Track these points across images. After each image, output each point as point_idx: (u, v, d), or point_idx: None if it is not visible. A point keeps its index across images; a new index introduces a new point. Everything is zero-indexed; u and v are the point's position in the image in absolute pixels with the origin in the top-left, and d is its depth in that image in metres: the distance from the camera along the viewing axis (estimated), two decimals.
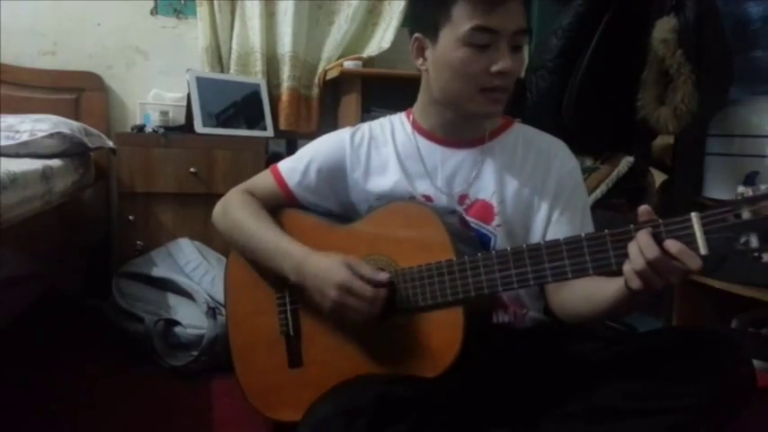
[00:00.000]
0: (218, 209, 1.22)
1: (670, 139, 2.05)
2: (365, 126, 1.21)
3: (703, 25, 1.72)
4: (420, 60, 1.11)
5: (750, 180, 1.85)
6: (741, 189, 0.80)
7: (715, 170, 1.98)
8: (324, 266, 1.01)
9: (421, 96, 1.17)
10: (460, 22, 1.01)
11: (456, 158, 1.13)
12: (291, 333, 1.13)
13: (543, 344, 1.09)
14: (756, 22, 2.03)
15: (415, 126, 1.17)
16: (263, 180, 1.23)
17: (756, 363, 1.81)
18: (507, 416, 1.04)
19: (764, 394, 1.00)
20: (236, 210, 1.17)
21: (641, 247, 0.81)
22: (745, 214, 0.78)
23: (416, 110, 1.19)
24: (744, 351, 0.94)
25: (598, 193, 1.90)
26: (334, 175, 1.18)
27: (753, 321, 1.98)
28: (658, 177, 2.12)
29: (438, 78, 1.08)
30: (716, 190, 1.96)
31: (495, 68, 1.01)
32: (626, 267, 0.83)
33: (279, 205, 1.20)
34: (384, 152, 1.17)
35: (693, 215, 0.81)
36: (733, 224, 0.79)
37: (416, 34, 1.10)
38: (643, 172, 1.98)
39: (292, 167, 1.20)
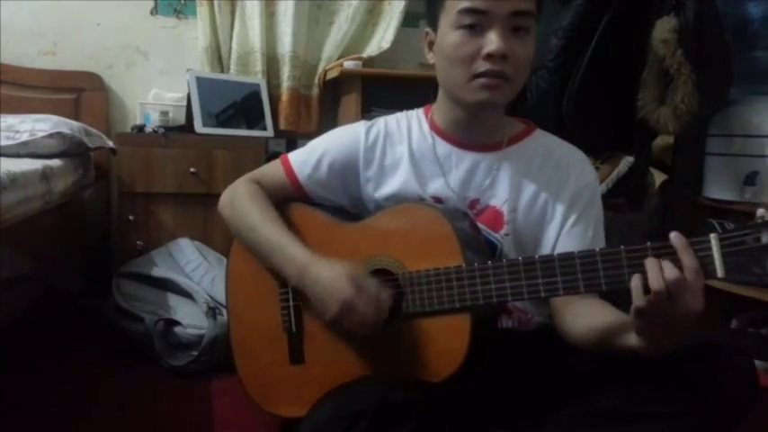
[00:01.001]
0: (225, 197, 1.20)
1: (670, 139, 2.05)
2: (381, 121, 1.18)
3: (703, 25, 1.72)
4: (430, 54, 1.11)
5: (750, 180, 1.85)
6: (761, 212, 0.79)
7: (715, 170, 1.98)
8: (328, 278, 0.98)
9: (438, 94, 1.15)
10: (452, 8, 1.01)
11: (472, 162, 1.11)
12: (294, 330, 1.12)
13: (545, 347, 1.08)
14: (756, 22, 2.03)
15: (433, 125, 1.15)
16: (272, 171, 1.21)
17: (756, 363, 1.81)
18: (509, 419, 1.03)
19: (765, 394, 1.00)
20: (243, 201, 1.15)
21: (664, 265, 0.79)
22: (765, 238, 0.77)
23: (434, 108, 1.17)
24: (746, 355, 0.93)
25: None
26: (347, 170, 1.16)
27: (753, 321, 1.99)
28: (658, 177, 2.12)
29: (439, 68, 1.08)
30: (716, 190, 1.96)
31: (485, 51, 0.99)
32: (635, 283, 0.81)
33: (287, 197, 1.18)
34: (398, 150, 1.15)
35: (712, 236, 0.79)
36: (752, 248, 0.77)
37: (427, 28, 1.11)
38: (643, 172, 1.98)
39: (304, 160, 1.18)
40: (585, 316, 0.98)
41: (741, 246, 0.78)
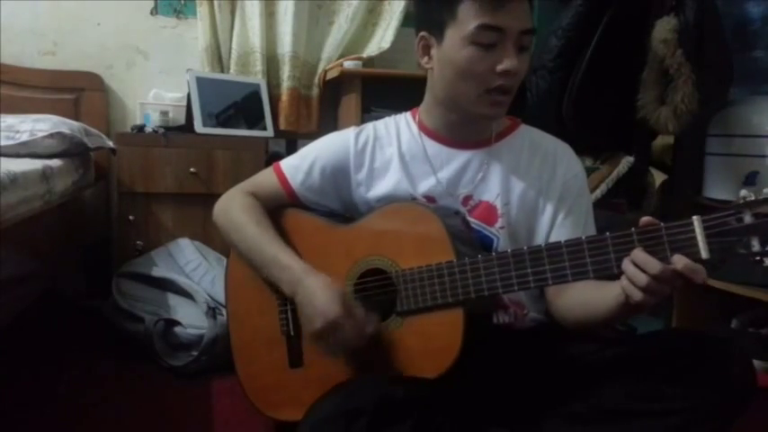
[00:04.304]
0: (219, 208, 1.21)
1: (670, 139, 2.05)
2: (370, 126, 1.20)
3: (703, 25, 1.71)
4: (425, 59, 1.10)
5: (750, 180, 1.85)
6: (743, 192, 0.79)
7: (715, 170, 1.97)
8: (320, 295, 0.99)
9: (426, 96, 1.16)
10: (466, 21, 1.00)
11: (462, 159, 1.13)
12: (292, 333, 1.13)
13: (544, 344, 1.08)
14: (756, 22, 2.03)
15: (421, 126, 1.17)
16: (265, 179, 1.22)
17: (756, 363, 1.81)
18: (508, 416, 1.03)
19: (765, 394, 1.00)
20: (238, 212, 1.16)
21: (640, 264, 0.81)
22: (747, 218, 0.78)
23: (422, 110, 1.18)
24: (744, 353, 0.94)
25: (598, 193, 1.89)
26: (338, 175, 1.18)
27: (753, 321, 1.98)
28: (658, 177, 2.12)
29: (442, 78, 1.08)
30: (716, 190, 1.96)
31: (500, 68, 1.00)
32: (624, 283, 0.83)
33: (281, 205, 1.20)
34: (388, 152, 1.16)
35: (695, 219, 0.80)
36: (735, 228, 0.78)
37: (422, 32, 1.09)
38: (643, 172, 1.98)
39: (296, 166, 1.20)
40: (577, 296, 1.01)
41: (724, 227, 0.79)
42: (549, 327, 1.12)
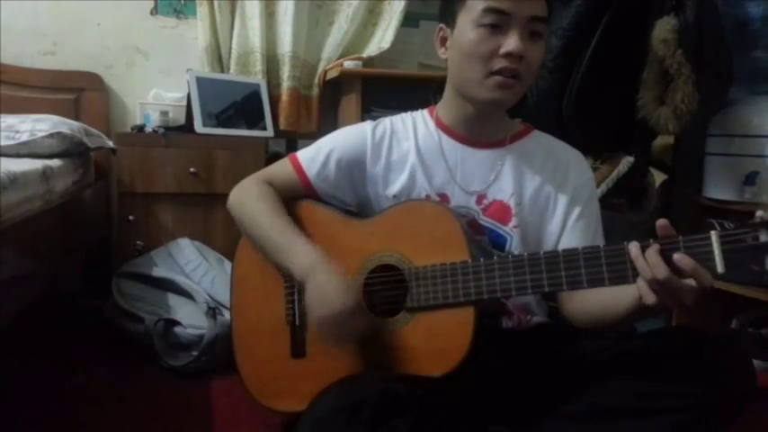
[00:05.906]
0: (234, 197, 1.21)
1: (670, 139, 2.05)
2: (387, 120, 1.21)
3: (703, 25, 1.72)
4: (442, 50, 1.14)
5: (750, 180, 1.85)
6: (760, 213, 0.83)
7: (715, 170, 1.98)
8: (334, 285, 1.00)
9: (446, 90, 1.18)
10: (474, 6, 1.04)
11: (476, 158, 1.14)
12: (297, 323, 1.13)
13: (545, 343, 1.09)
14: (756, 22, 2.03)
15: (438, 123, 1.18)
16: (281, 169, 1.22)
17: (756, 363, 1.82)
18: (509, 414, 1.04)
19: (765, 394, 1.01)
20: (252, 200, 1.16)
21: (651, 266, 0.82)
22: (763, 237, 0.80)
23: (440, 106, 1.20)
24: (744, 352, 0.94)
25: (598, 192, 1.89)
26: (354, 167, 1.18)
27: (753, 321, 1.99)
28: (658, 177, 2.12)
29: (452, 63, 1.11)
30: (716, 190, 1.96)
31: (503, 50, 1.02)
32: (640, 283, 0.84)
33: (296, 195, 1.20)
34: (404, 147, 1.17)
35: (713, 233, 0.82)
36: (751, 245, 0.81)
37: (440, 24, 1.14)
38: (643, 172, 1.98)
39: (312, 157, 1.20)
40: (594, 297, 1.00)
41: (740, 243, 0.81)
42: (551, 327, 1.13)
